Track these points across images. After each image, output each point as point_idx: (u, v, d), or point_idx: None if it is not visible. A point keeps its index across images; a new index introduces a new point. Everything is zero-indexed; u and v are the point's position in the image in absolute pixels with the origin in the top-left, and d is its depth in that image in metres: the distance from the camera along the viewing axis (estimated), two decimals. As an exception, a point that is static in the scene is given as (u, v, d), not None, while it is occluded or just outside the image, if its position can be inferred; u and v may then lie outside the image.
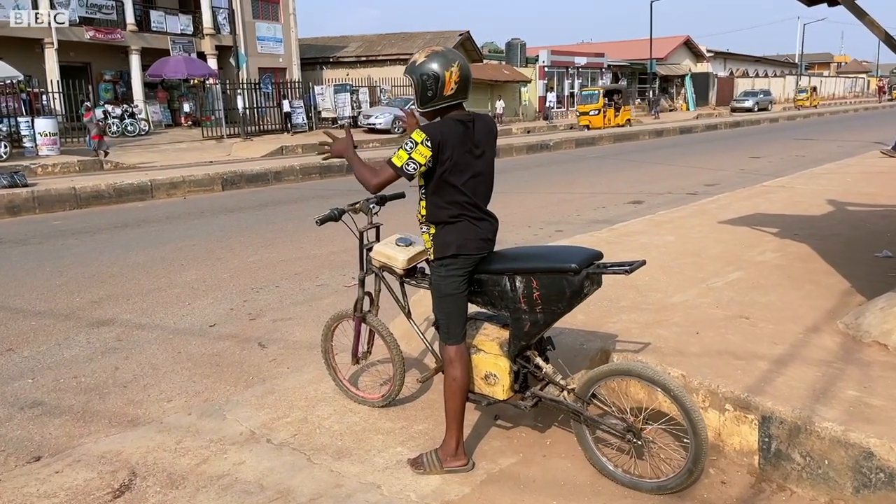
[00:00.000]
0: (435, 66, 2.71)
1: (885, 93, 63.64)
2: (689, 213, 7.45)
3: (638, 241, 6.02)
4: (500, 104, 31.08)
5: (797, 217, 6.97)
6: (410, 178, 2.72)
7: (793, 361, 3.17)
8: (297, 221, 9.20)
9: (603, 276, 2.79)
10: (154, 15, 26.36)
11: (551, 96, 34.28)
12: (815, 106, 45.90)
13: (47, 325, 5.16)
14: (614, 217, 9.06)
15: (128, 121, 23.21)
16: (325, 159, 3.16)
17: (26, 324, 5.21)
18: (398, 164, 2.69)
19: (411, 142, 2.68)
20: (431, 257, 2.87)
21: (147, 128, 24.06)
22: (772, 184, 9.57)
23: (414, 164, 2.68)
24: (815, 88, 49.69)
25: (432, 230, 2.87)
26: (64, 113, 21.33)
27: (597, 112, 27.94)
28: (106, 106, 23.52)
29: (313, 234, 8.22)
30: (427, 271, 3.30)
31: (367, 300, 3.48)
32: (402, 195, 3.50)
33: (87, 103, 18.55)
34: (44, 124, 17.81)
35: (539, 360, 2.93)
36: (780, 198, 8.16)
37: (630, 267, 2.61)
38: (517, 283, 2.78)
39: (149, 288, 6.11)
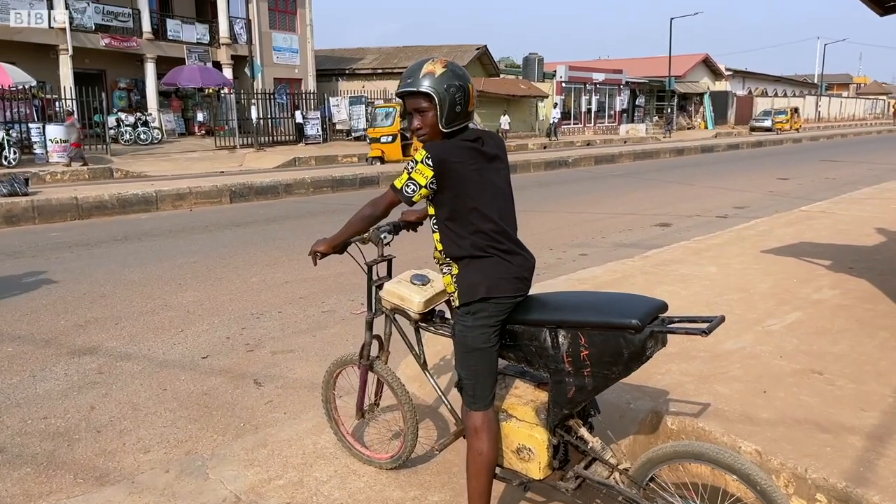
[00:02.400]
0: (460, 78, 2.30)
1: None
2: (727, 239, 6.88)
3: (677, 273, 5.46)
4: (504, 119, 30.35)
5: (847, 247, 6.39)
6: (410, 202, 2.29)
7: (892, 437, 2.61)
8: (305, 239, 8.70)
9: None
10: (170, 24, 26.17)
11: (555, 112, 33.70)
12: (797, 130, 40.28)
13: (25, 353, 4.68)
14: (642, 241, 8.51)
15: (141, 129, 22.94)
16: (316, 261, 2.73)
17: (2, 350, 4.72)
18: (398, 185, 2.29)
19: (413, 161, 2.27)
20: (455, 303, 2.35)
21: (160, 136, 23.79)
22: (811, 209, 8.98)
23: (414, 185, 2.25)
24: (796, 110, 43.55)
25: (454, 269, 2.35)
26: (77, 119, 21.10)
27: (391, 139, 19.17)
28: (119, 114, 23.30)
29: (322, 252, 7.71)
30: (447, 314, 2.79)
31: (374, 345, 2.97)
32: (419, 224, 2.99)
33: (69, 108, 18.09)
34: (55, 131, 17.50)
35: (584, 432, 2.39)
36: (824, 225, 7.58)
37: (708, 326, 2.07)
38: (560, 339, 2.25)
39: (141, 310, 5.62)
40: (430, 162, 2.23)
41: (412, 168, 2.26)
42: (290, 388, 4.10)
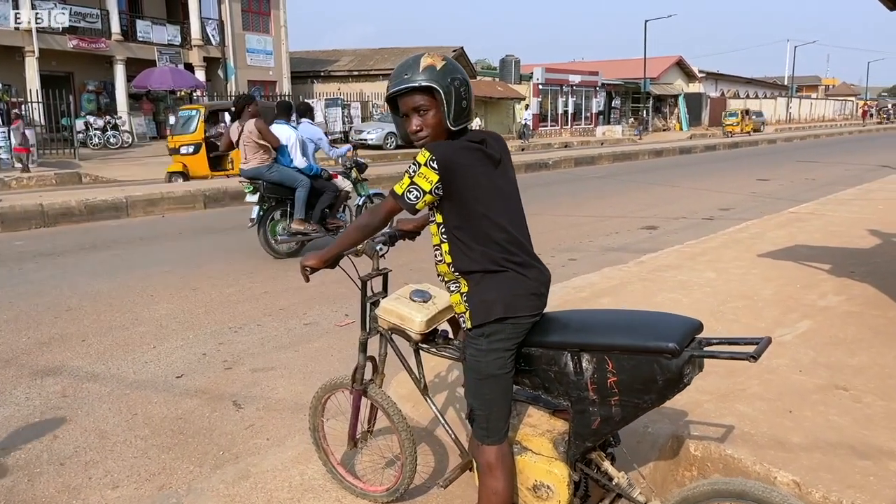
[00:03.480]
0: (460, 71, 2.07)
1: (871, 116, 63.82)
2: (720, 243, 6.70)
3: (676, 279, 5.26)
4: (477, 122, 30.08)
5: (842, 250, 6.25)
6: (413, 209, 2.03)
7: (938, 463, 2.40)
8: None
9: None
10: (140, 25, 25.61)
11: (527, 115, 33.56)
12: (749, 133, 37.67)
13: (-19, 374, 4.31)
14: (630, 244, 8.33)
15: (110, 133, 22.37)
16: (308, 277, 2.42)
17: (-44, 372, 4.36)
18: (399, 191, 2.02)
19: (415, 164, 2.00)
20: (467, 325, 2.09)
21: (130, 140, 23.23)
22: (799, 210, 8.87)
23: (416, 190, 1.99)
24: (747, 112, 40.57)
25: (464, 286, 2.09)
26: (43, 124, 20.48)
27: (194, 149, 15.07)
28: (88, 117, 22.67)
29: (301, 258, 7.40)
30: (450, 333, 2.53)
31: (368, 367, 2.69)
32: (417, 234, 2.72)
33: (16, 111, 17.43)
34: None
35: (608, 467, 2.13)
36: (815, 227, 7.45)
37: (756, 350, 1.84)
38: (584, 364, 2.00)
39: (109, 325, 5.27)
40: (434, 164, 1.97)
41: (415, 171, 2.00)
42: (272, 410, 3.80)
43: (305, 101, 12.69)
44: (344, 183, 8.11)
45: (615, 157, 22.92)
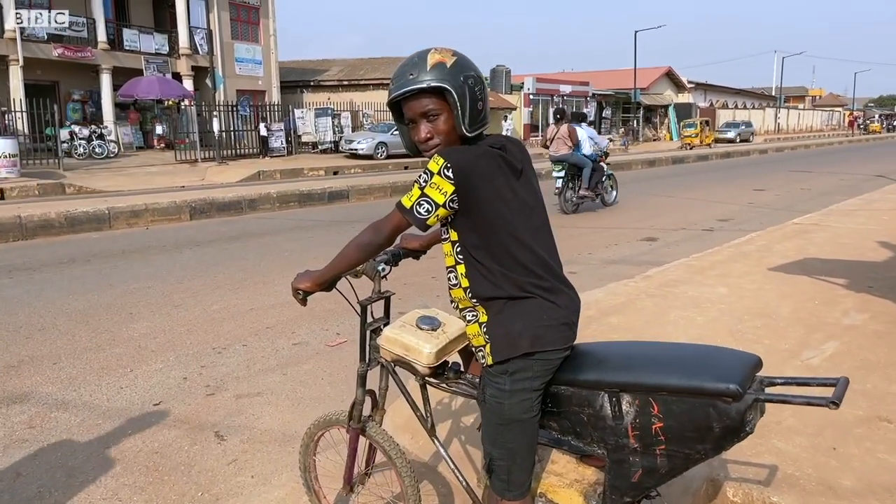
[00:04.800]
0: (473, 67, 1.78)
1: (860, 126, 64.32)
2: (728, 256, 6.45)
3: (686, 295, 4.98)
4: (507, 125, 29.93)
5: (856, 263, 6.00)
6: (423, 226, 1.72)
7: None
8: (271, 258, 8.05)
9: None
10: (127, 33, 25.24)
11: (507, 124, 33.31)
12: (709, 145, 35.41)
13: (-59, 402, 3.96)
14: (630, 257, 8.07)
15: (96, 142, 21.93)
16: (304, 300, 2.15)
17: (-87, 400, 4.00)
18: (407, 204, 1.71)
19: (426, 173, 1.69)
20: (487, 361, 1.79)
21: (117, 150, 22.80)
22: (803, 221, 8.64)
23: (428, 203, 1.68)
24: (707, 122, 38.08)
25: (482, 315, 1.80)
26: (27, 133, 20.06)
27: None
28: (73, 126, 22.25)
29: (290, 273, 7.04)
30: (462, 366, 2.23)
31: (367, 402, 2.38)
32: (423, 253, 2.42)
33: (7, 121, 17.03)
34: (3, 145, 16.46)
35: (649, 525, 1.84)
36: (823, 239, 7.21)
37: (835, 395, 1.55)
38: (624, 407, 1.71)
39: (85, 346, 4.92)
40: (449, 173, 1.67)
41: (426, 181, 1.70)
42: (257, 443, 3.47)
43: (581, 111, 15.53)
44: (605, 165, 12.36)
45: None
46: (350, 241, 1.89)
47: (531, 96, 37.03)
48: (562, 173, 11.63)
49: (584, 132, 11.95)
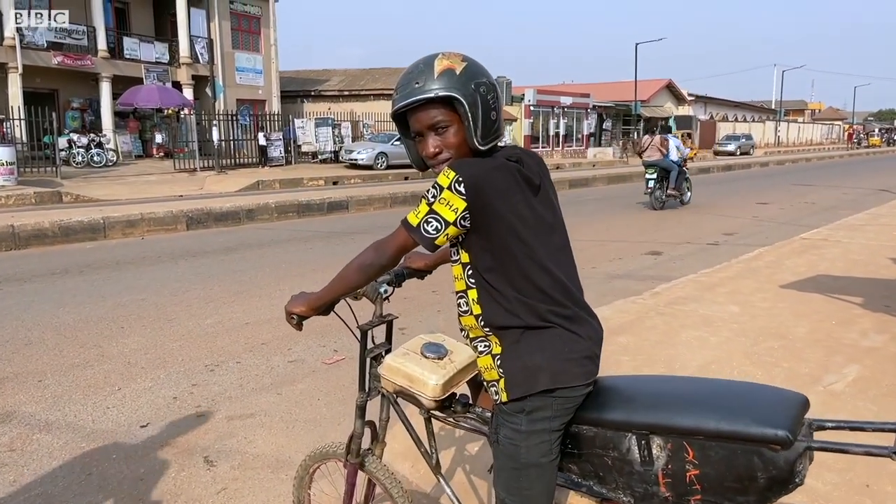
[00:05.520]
0: (485, 73, 1.61)
1: (858, 140, 64.38)
2: (737, 272, 6.28)
3: (697, 313, 4.81)
4: (508, 134, 29.98)
5: (870, 281, 5.83)
6: (431, 245, 1.53)
7: None
8: (269, 270, 7.87)
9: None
10: (128, 42, 25.15)
11: (507, 137, 33.28)
12: (691, 158, 32.48)
13: (-83, 422, 3.77)
14: (635, 271, 7.89)
15: (94, 151, 21.77)
16: (299, 324, 1.93)
17: None
18: (413, 221, 1.53)
19: (435, 187, 1.52)
20: (501, 397, 1.61)
21: (115, 158, 22.65)
22: (812, 236, 8.48)
23: (437, 221, 1.51)
24: (689, 135, 36.28)
25: (496, 346, 1.62)
26: (25, 141, 19.92)
27: None
28: (71, 135, 22.11)
29: (287, 285, 6.91)
30: (470, 398, 2.04)
31: (367, 434, 2.20)
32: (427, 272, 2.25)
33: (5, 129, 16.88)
34: (0, 153, 16.32)
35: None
36: (834, 255, 7.04)
37: (899, 444, 1.37)
38: (654, 451, 1.53)
39: (72, 362, 4.73)
40: (461, 188, 1.50)
41: (435, 196, 1.52)
42: (249, 469, 3.28)
43: (668, 125, 16.59)
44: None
45: (609, 178, 22.63)
46: (350, 261, 1.71)
47: (532, 108, 36.98)
48: (654, 175, 13.80)
49: (672, 142, 14.15)
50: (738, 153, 40.93)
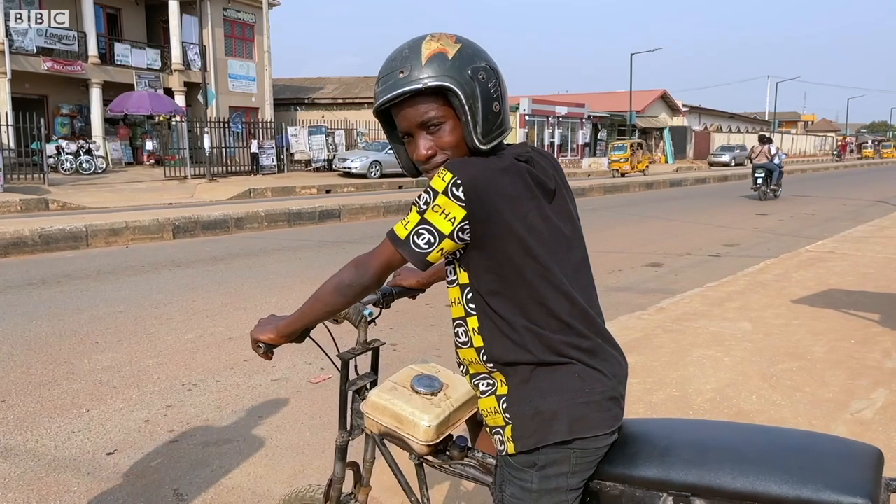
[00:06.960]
0: (484, 56, 1.32)
1: (852, 151, 64.54)
2: (745, 286, 6.01)
3: (707, 330, 4.53)
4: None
5: (884, 296, 5.58)
6: (422, 262, 1.25)
7: None
8: (255, 281, 7.57)
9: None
10: (119, 48, 24.89)
11: None
12: (643, 171, 29.77)
13: None
14: (636, 284, 7.63)
15: (84, 157, 21.49)
16: (267, 353, 1.62)
17: None
18: (401, 233, 1.24)
19: (428, 192, 1.23)
20: (508, 448, 1.33)
21: (105, 165, 22.36)
22: (818, 248, 8.24)
23: (430, 233, 1.22)
24: (640, 145, 32.13)
25: (502, 385, 1.33)
26: (13, 148, 19.59)
27: None
28: (60, 141, 21.80)
29: (275, 298, 6.62)
30: (468, 440, 1.75)
31: (349, 477, 1.91)
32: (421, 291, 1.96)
33: None
34: (-14, 159, 16.00)
35: None
36: (843, 268, 6.79)
37: None
38: (696, 518, 1.24)
39: (39, 380, 4.41)
40: (459, 192, 1.21)
41: (427, 203, 1.24)
42: (222, 504, 2.98)
43: (769, 136, 19.93)
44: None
45: (606, 189, 22.42)
46: (326, 280, 1.42)
47: (527, 117, 36.84)
48: (762, 174, 18.09)
49: (775, 149, 18.53)
50: (732, 164, 40.93)
